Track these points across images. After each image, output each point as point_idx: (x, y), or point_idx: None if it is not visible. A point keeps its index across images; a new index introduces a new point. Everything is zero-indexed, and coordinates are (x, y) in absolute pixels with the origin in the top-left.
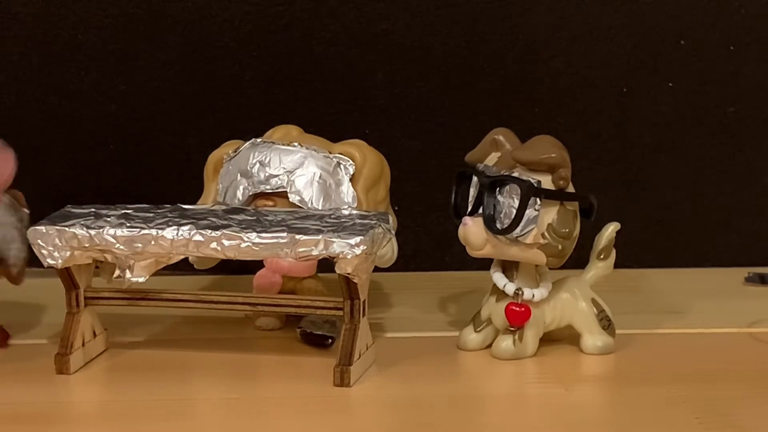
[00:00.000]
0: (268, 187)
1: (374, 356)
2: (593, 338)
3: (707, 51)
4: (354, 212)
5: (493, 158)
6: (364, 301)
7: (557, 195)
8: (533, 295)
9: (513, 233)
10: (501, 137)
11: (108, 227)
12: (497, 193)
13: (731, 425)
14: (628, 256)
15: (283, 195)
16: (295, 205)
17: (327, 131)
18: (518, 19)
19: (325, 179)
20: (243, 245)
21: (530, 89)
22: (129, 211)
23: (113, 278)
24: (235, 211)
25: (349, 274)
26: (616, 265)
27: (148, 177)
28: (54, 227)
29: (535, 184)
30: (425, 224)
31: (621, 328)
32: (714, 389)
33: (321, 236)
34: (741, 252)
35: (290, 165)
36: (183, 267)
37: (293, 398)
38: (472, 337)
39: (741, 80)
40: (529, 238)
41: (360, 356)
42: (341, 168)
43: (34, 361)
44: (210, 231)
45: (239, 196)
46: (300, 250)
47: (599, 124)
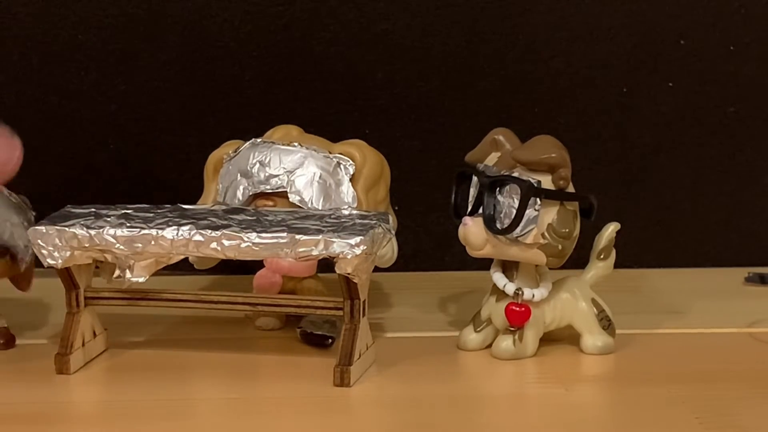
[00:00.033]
0: (268, 187)
1: (374, 356)
2: (593, 338)
3: (707, 51)
4: (354, 212)
5: (493, 158)
6: (364, 301)
7: (557, 195)
8: (533, 295)
9: (513, 233)
10: (501, 137)
11: (108, 227)
12: (497, 193)
13: (731, 425)
14: (628, 256)
15: (283, 195)
16: (295, 205)
17: (327, 131)
18: (518, 19)
19: (325, 179)
20: (243, 245)
21: (530, 89)
22: (129, 211)
23: (113, 278)
24: (235, 211)
25: (349, 274)
26: (616, 265)
27: (148, 177)
28: (54, 227)
29: (535, 184)
30: (425, 224)
31: (621, 328)
32: (714, 389)
33: (321, 236)
34: (741, 252)
35: (290, 165)
36: (183, 267)
37: (293, 398)
38: (472, 337)
39: (741, 80)
40: (529, 238)
41: (360, 356)
42: (341, 168)
43: (34, 361)
44: (210, 231)
45: (239, 196)
46: (300, 250)
47: (599, 124)
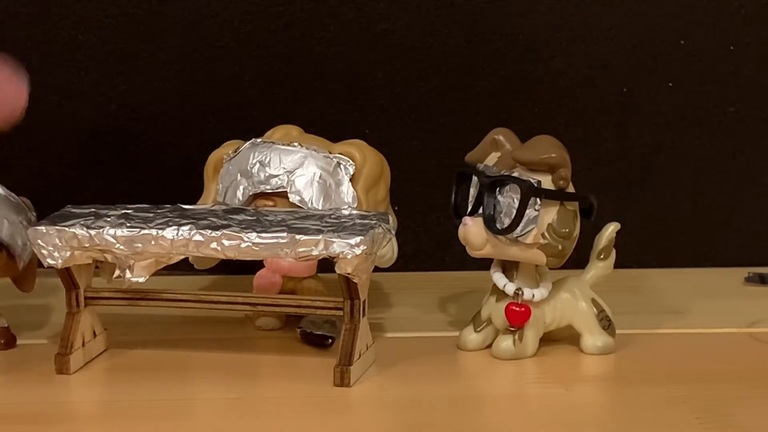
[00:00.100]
0: (268, 187)
1: (374, 356)
2: (593, 338)
3: (707, 51)
4: (354, 212)
5: (493, 158)
6: (364, 301)
7: (557, 195)
8: (533, 295)
9: (513, 233)
10: (501, 137)
11: (108, 227)
12: (497, 193)
13: (731, 425)
14: (628, 256)
15: (283, 195)
16: (295, 205)
17: (327, 131)
18: (518, 19)
19: (325, 179)
20: (243, 245)
21: (530, 89)
22: (129, 211)
23: (113, 278)
24: (235, 211)
25: (349, 274)
26: (616, 265)
27: (148, 177)
28: (54, 227)
29: (535, 184)
30: (425, 224)
31: (621, 328)
32: (714, 389)
33: (321, 236)
34: (741, 252)
35: (290, 165)
36: (183, 267)
37: (293, 398)
38: (472, 337)
39: (741, 80)
40: (529, 238)
41: (360, 356)
42: (341, 168)
43: (34, 361)
44: (210, 231)
45: (239, 196)
46: (300, 250)
47: (599, 124)
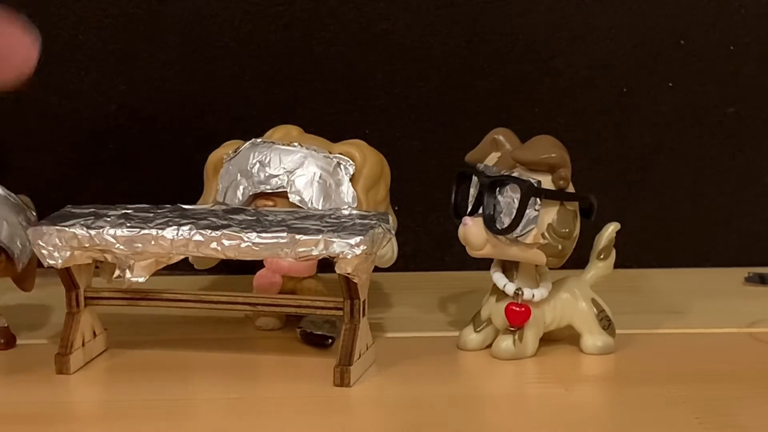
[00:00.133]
0: (268, 187)
1: (374, 356)
2: (593, 338)
3: (707, 51)
4: (354, 212)
5: (493, 158)
6: (364, 301)
7: (557, 195)
8: (533, 295)
9: (513, 233)
10: (501, 137)
11: (108, 227)
12: (497, 193)
13: (731, 425)
14: (628, 256)
15: (283, 195)
16: (295, 205)
17: (327, 131)
18: (518, 19)
19: (325, 179)
20: (243, 245)
21: (530, 89)
22: (129, 211)
23: (113, 278)
24: (235, 211)
25: (349, 274)
26: (616, 265)
27: (148, 177)
28: (54, 227)
29: (535, 184)
30: (425, 224)
31: (621, 328)
32: (714, 389)
33: (321, 236)
34: (741, 252)
35: (290, 165)
36: (183, 267)
37: (293, 398)
38: (472, 337)
39: (741, 80)
40: (529, 238)
41: (360, 356)
42: (341, 168)
43: (34, 361)
44: (210, 231)
45: (239, 196)
46: (300, 250)
47: (599, 124)
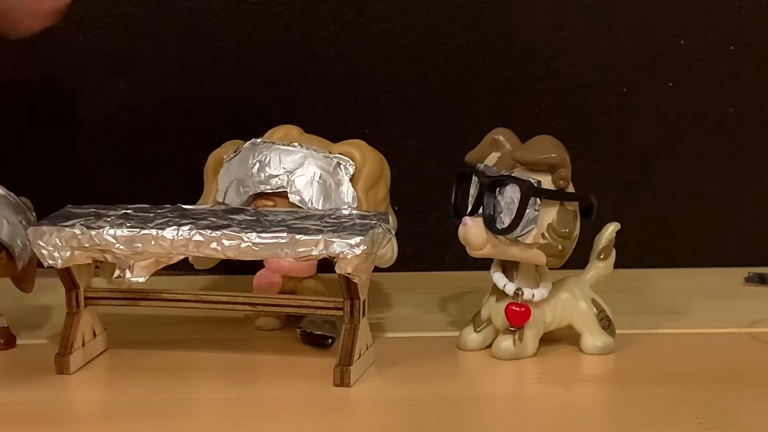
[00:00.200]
0: (268, 187)
1: (374, 356)
2: (593, 338)
3: (707, 51)
4: (354, 212)
5: (493, 158)
6: (364, 301)
7: (557, 195)
8: (533, 295)
9: (513, 233)
10: (501, 137)
11: (108, 227)
12: (497, 193)
13: (731, 425)
14: (628, 256)
15: (283, 195)
16: (295, 205)
17: (327, 131)
18: (518, 19)
19: (325, 179)
20: (243, 245)
21: (530, 89)
22: (129, 211)
23: (113, 278)
24: (235, 211)
25: (349, 274)
26: (616, 265)
27: (148, 177)
28: (54, 227)
29: (535, 184)
30: (425, 224)
31: (621, 328)
32: (714, 389)
33: (321, 236)
34: (741, 252)
35: (290, 165)
36: (183, 267)
37: (293, 398)
38: (472, 337)
39: (741, 80)
40: (529, 238)
41: (360, 356)
42: (341, 168)
43: (34, 361)
44: (210, 231)
45: (239, 196)
46: (300, 250)
47: (599, 124)
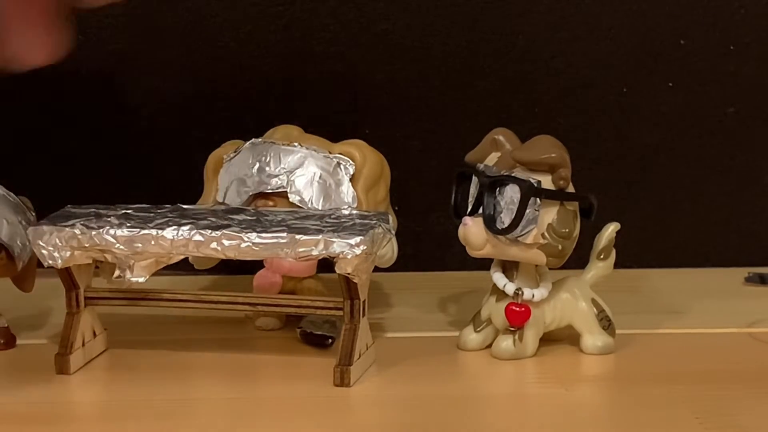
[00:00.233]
0: (268, 187)
1: (374, 356)
2: (593, 338)
3: (707, 51)
4: (354, 212)
5: (493, 158)
6: (364, 301)
7: (557, 195)
8: (533, 295)
9: (513, 233)
10: (501, 137)
11: (108, 227)
12: (497, 193)
13: (731, 425)
14: (628, 256)
15: (283, 195)
16: (295, 205)
17: (327, 131)
18: (518, 19)
19: (325, 179)
20: (243, 245)
21: (530, 89)
22: (129, 211)
23: (113, 278)
24: (235, 211)
25: (349, 274)
26: (616, 265)
27: (148, 177)
28: (54, 227)
29: (535, 184)
30: (425, 224)
31: (621, 328)
32: (714, 389)
33: (321, 236)
34: (741, 252)
35: (290, 165)
36: (183, 267)
37: (293, 398)
38: (472, 337)
39: (741, 80)
40: (529, 238)
41: (360, 356)
42: (341, 168)
43: (34, 361)
44: (210, 231)
45: (239, 196)
46: (300, 250)
47: (599, 124)
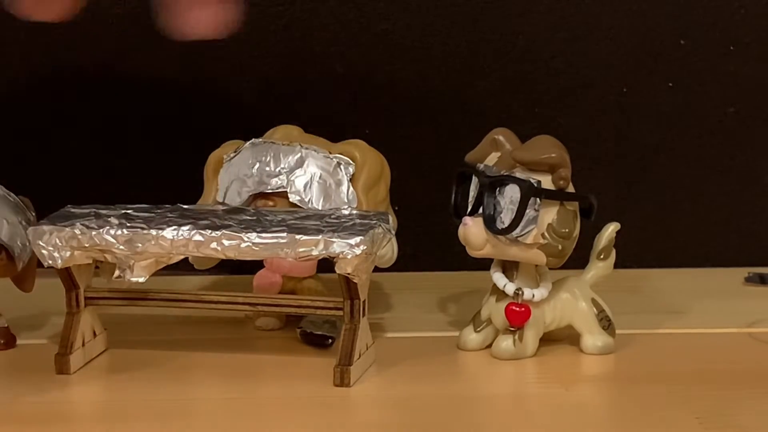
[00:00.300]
0: (268, 187)
1: (374, 356)
2: (593, 338)
3: (707, 51)
4: (354, 212)
5: (493, 158)
6: (364, 301)
7: (557, 195)
8: (533, 295)
9: (513, 233)
10: (501, 137)
11: (108, 227)
12: (497, 193)
13: (731, 425)
14: (628, 256)
15: (283, 195)
16: (295, 205)
17: (327, 131)
18: (518, 19)
19: (325, 179)
20: (243, 245)
21: (530, 89)
22: (129, 211)
23: (113, 278)
24: (235, 211)
25: (349, 274)
26: (616, 265)
27: (148, 177)
28: (54, 227)
29: (535, 184)
30: (425, 224)
31: (621, 328)
32: (714, 389)
33: (321, 236)
34: (741, 252)
35: (290, 165)
36: (183, 267)
37: (293, 398)
38: (472, 337)
39: (741, 80)
40: (529, 238)
41: (360, 356)
42: (341, 168)
43: (34, 361)
44: (210, 231)
45: (239, 196)
46: (300, 250)
47: (599, 124)
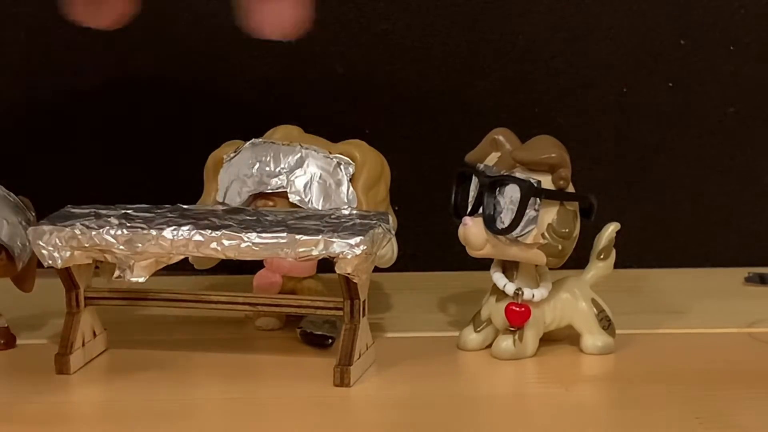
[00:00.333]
0: (268, 187)
1: (374, 356)
2: (593, 338)
3: (707, 51)
4: (354, 212)
5: (493, 158)
6: (364, 301)
7: (557, 195)
8: (533, 295)
9: (513, 233)
10: (501, 137)
11: (108, 227)
12: (497, 193)
13: (731, 425)
14: (628, 256)
15: (283, 195)
16: (295, 205)
17: (327, 131)
18: (518, 19)
19: (325, 179)
20: (243, 245)
21: (530, 89)
22: (129, 211)
23: (113, 278)
24: (235, 211)
25: (349, 274)
26: (616, 265)
27: (148, 177)
28: (54, 227)
29: (535, 184)
30: (425, 224)
31: (621, 328)
32: (714, 389)
33: (321, 236)
34: (741, 252)
35: (290, 165)
36: (183, 267)
37: (293, 398)
38: (472, 337)
39: (741, 80)
40: (529, 238)
41: (360, 356)
42: (341, 168)
43: (34, 361)
44: (210, 231)
45: (239, 196)
46: (300, 250)
47: (599, 124)
